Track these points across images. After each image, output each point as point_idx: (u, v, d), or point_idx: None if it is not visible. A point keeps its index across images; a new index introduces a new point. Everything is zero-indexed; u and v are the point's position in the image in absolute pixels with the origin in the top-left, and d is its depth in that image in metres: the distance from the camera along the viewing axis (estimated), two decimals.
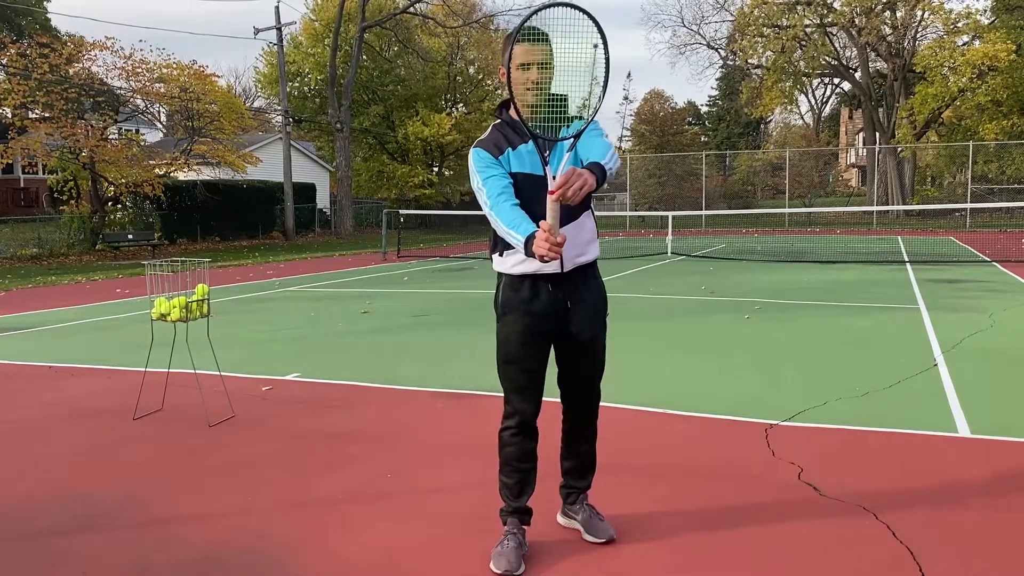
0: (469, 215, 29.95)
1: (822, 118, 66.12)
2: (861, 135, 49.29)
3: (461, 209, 33.86)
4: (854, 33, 35.51)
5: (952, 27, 32.88)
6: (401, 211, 24.83)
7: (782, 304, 9.52)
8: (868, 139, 39.20)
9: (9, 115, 21.44)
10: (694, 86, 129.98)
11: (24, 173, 34.88)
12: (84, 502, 3.53)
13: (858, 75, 38.22)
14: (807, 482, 3.58)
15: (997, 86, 31.51)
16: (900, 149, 35.79)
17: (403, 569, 2.84)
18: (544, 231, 2.39)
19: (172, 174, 24.55)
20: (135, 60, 22.44)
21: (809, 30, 35.66)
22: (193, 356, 5.14)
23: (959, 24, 32.82)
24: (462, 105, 40.36)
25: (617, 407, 4.77)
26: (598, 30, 2.48)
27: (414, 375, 5.93)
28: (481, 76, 40.19)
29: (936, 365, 5.93)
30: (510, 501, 2.94)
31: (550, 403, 2.98)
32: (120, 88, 23.32)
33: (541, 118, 2.63)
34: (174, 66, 23.17)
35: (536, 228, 2.46)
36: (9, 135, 21.83)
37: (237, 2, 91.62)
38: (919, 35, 35.79)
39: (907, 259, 15.81)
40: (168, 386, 5.25)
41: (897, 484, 3.54)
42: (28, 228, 22.68)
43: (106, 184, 22.81)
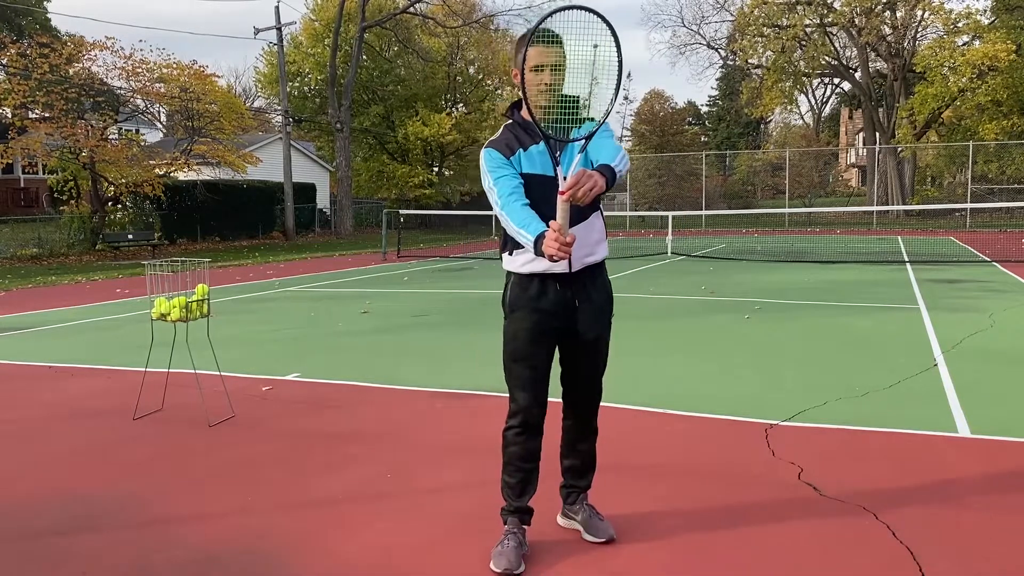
0: (469, 215, 30.04)
1: (822, 118, 66.11)
2: (861, 135, 49.29)
3: (461, 209, 33.89)
4: (854, 33, 35.50)
5: (952, 27, 32.86)
6: (401, 211, 24.84)
7: (782, 304, 9.52)
8: (868, 139, 39.19)
9: (9, 115, 21.44)
10: (694, 86, 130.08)
11: (24, 173, 34.88)
12: (84, 502, 3.53)
13: (858, 75, 38.21)
14: (807, 482, 3.58)
15: (997, 86, 31.50)
16: (900, 149, 35.78)
17: (403, 569, 2.84)
18: (554, 231, 2.41)
19: (172, 174, 24.55)
20: (135, 60, 22.45)
21: (809, 30, 35.64)
22: (193, 356, 5.14)
23: (959, 24, 32.80)
24: (462, 105, 40.36)
25: (617, 407, 4.77)
26: (611, 33, 2.51)
27: (414, 375, 5.93)
28: (481, 76, 40.21)
29: (936, 365, 5.93)
30: (512, 501, 2.94)
31: (550, 402, 2.98)
32: (120, 88, 23.33)
33: (553, 119, 2.64)
34: (174, 66, 23.17)
35: (546, 228, 2.48)
36: (9, 135, 21.83)
37: (237, 2, 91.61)
38: (919, 35, 35.80)
39: (907, 259, 15.81)
40: (168, 386, 5.25)
41: (897, 484, 3.54)
42: (28, 228, 22.68)
43: (106, 184, 22.81)
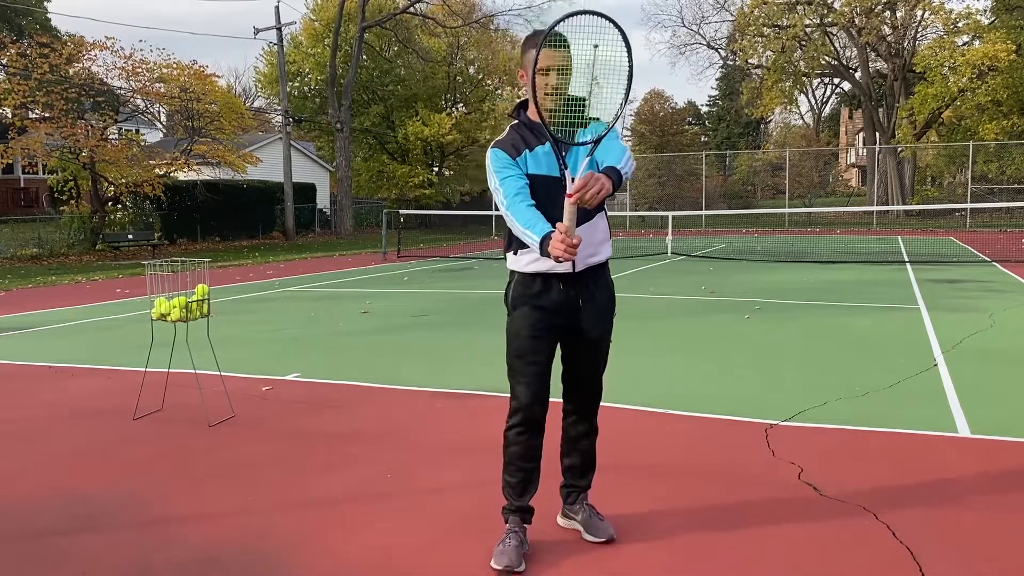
0: (469, 215, 30.06)
1: (822, 118, 66.10)
2: (861, 135, 49.28)
3: (461, 209, 33.89)
4: (854, 33, 35.49)
5: (952, 27, 32.86)
6: (401, 211, 24.83)
7: (782, 304, 9.52)
8: (868, 139, 39.18)
9: (9, 115, 21.43)
10: (694, 86, 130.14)
11: (24, 173, 34.88)
12: (84, 502, 3.53)
13: (858, 75, 38.21)
14: (807, 482, 3.58)
15: (997, 86, 31.50)
16: (900, 149, 35.78)
17: (403, 569, 2.84)
18: (560, 232, 2.42)
19: (172, 174, 24.54)
20: (135, 60, 22.45)
21: (809, 30, 35.64)
22: (193, 356, 5.14)
23: (959, 24, 32.79)
24: (462, 105, 40.35)
25: (617, 407, 4.77)
26: (621, 36, 2.52)
27: (414, 375, 5.93)
28: (481, 76, 40.20)
29: (936, 365, 5.93)
30: (513, 500, 2.94)
31: (551, 402, 2.98)
32: (120, 88, 23.33)
33: (560, 121, 2.65)
34: (174, 66, 23.17)
35: (551, 229, 2.49)
36: (9, 135, 21.83)
37: (237, 2, 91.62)
38: (919, 35, 35.80)
39: (907, 259, 15.80)
40: (168, 386, 5.25)
41: (897, 484, 3.54)
42: (28, 228, 22.67)
43: (106, 184, 22.80)
